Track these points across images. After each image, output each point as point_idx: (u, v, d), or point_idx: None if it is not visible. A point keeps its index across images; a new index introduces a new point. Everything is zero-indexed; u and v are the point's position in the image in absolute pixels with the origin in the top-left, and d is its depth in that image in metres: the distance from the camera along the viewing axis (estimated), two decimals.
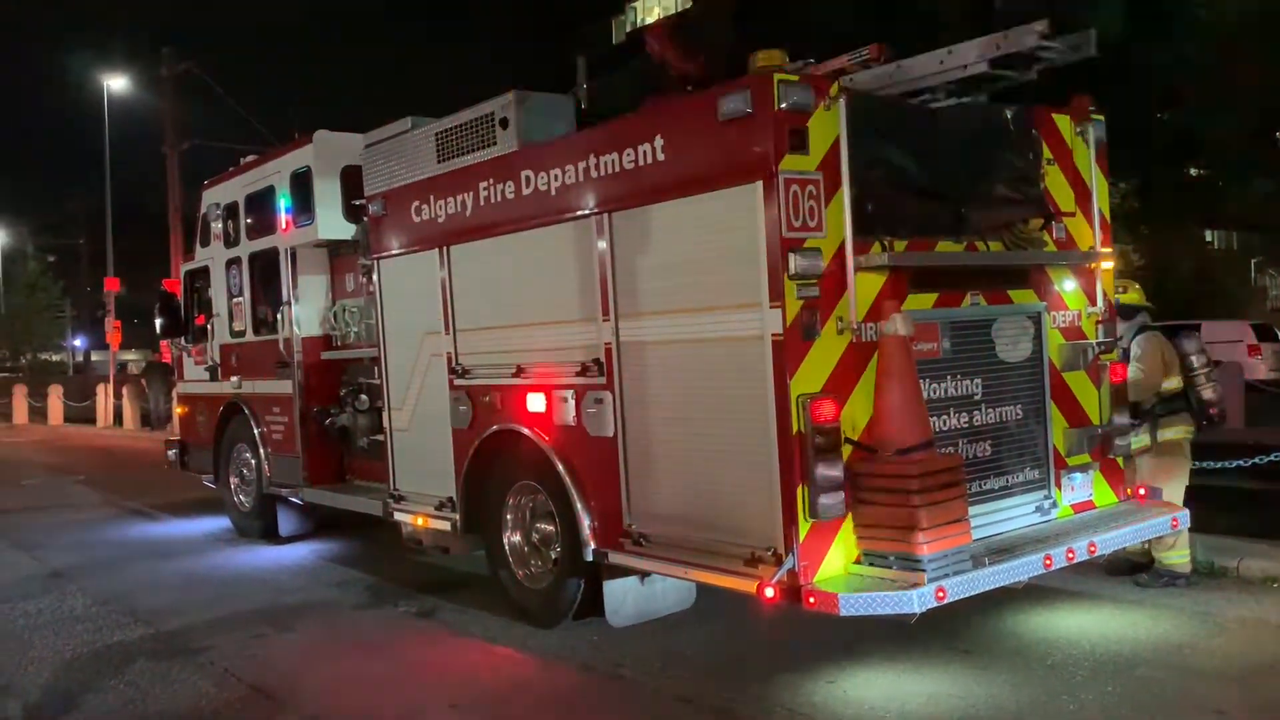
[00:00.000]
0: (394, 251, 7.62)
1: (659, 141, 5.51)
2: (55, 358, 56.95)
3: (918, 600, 4.72)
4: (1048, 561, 5.32)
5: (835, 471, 4.96)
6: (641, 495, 5.83)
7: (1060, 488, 6.02)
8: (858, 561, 5.06)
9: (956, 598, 4.84)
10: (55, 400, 30.13)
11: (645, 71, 6.87)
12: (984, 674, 5.36)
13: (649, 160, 5.57)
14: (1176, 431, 6.95)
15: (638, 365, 5.81)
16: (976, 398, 5.73)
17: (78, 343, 59.51)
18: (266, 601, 7.68)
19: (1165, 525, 6.03)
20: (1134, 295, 7.29)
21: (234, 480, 10.34)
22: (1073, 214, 6.19)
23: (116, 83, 29.59)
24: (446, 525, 7.24)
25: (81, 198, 52.54)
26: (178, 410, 11.86)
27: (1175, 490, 6.84)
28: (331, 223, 8.74)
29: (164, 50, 25.92)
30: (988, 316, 5.81)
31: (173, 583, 8.51)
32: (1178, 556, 6.73)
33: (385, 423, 7.91)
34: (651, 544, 5.75)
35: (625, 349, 5.86)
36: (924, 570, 4.78)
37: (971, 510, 5.18)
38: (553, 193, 6.22)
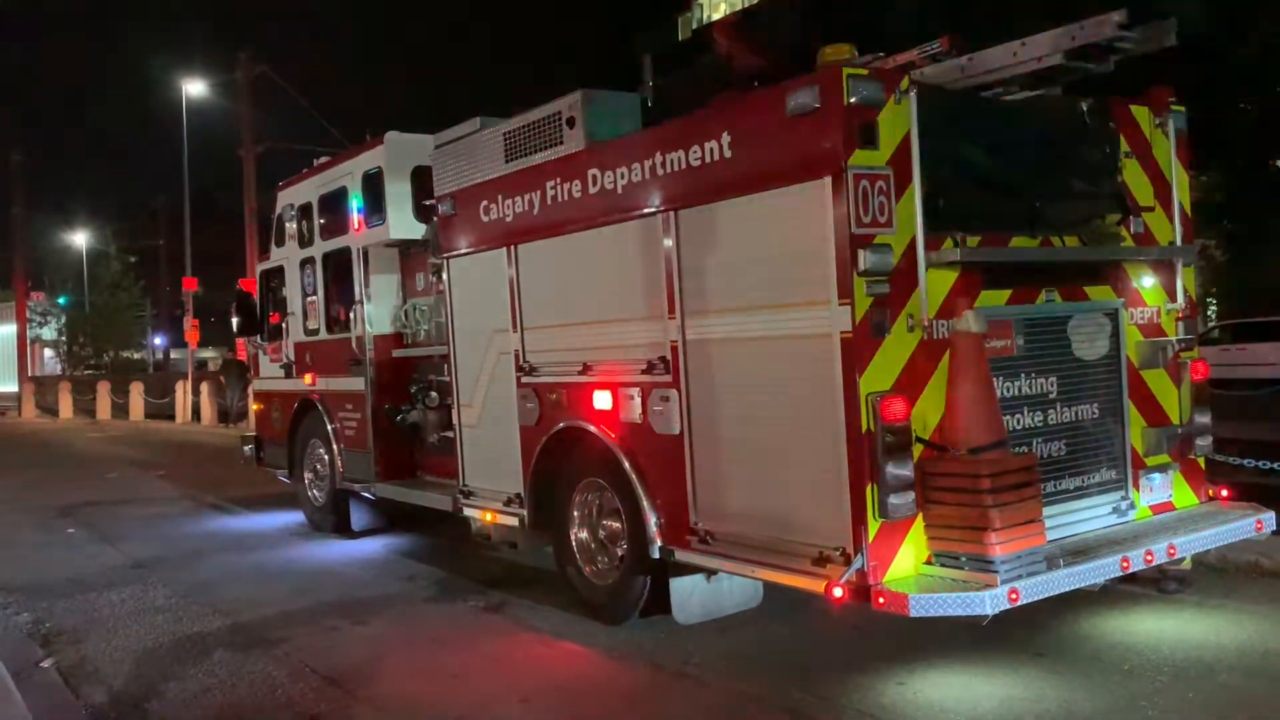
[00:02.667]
0: (463, 250, 7.70)
1: (726, 138, 5.49)
2: (136, 355, 58.58)
3: (990, 602, 4.65)
4: (1125, 564, 5.19)
5: (905, 471, 4.90)
6: (708, 493, 5.83)
7: (1138, 488, 5.87)
8: (929, 562, 4.99)
9: (1030, 600, 4.75)
10: (136, 396, 31.04)
11: (712, 68, 6.86)
12: (1059, 678, 5.25)
13: (716, 157, 5.56)
14: None
15: (704, 363, 5.80)
16: (1051, 396, 5.62)
17: (157, 341, 61.24)
18: (340, 595, 7.83)
19: (1250, 528, 5.84)
20: None
21: (308, 475, 10.55)
22: (1152, 208, 6.04)
23: (194, 87, 30.37)
24: (514, 521, 7.31)
25: (162, 200, 54.10)
26: (253, 407, 12.14)
27: None
28: (402, 222, 8.88)
29: (240, 55, 26.57)
30: (1063, 313, 5.70)
31: (249, 575, 8.71)
32: None
33: (454, 419, 8.01)
34: (718, 542, 5.74)
35: (691, 347, 5.86)
36: (996, 572, 4.71)
37: (1046, 511, 5.08)
38: (619, 191, 6.24)
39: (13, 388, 42.06)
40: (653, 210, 6.00)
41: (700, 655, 5.91)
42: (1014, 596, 4.69)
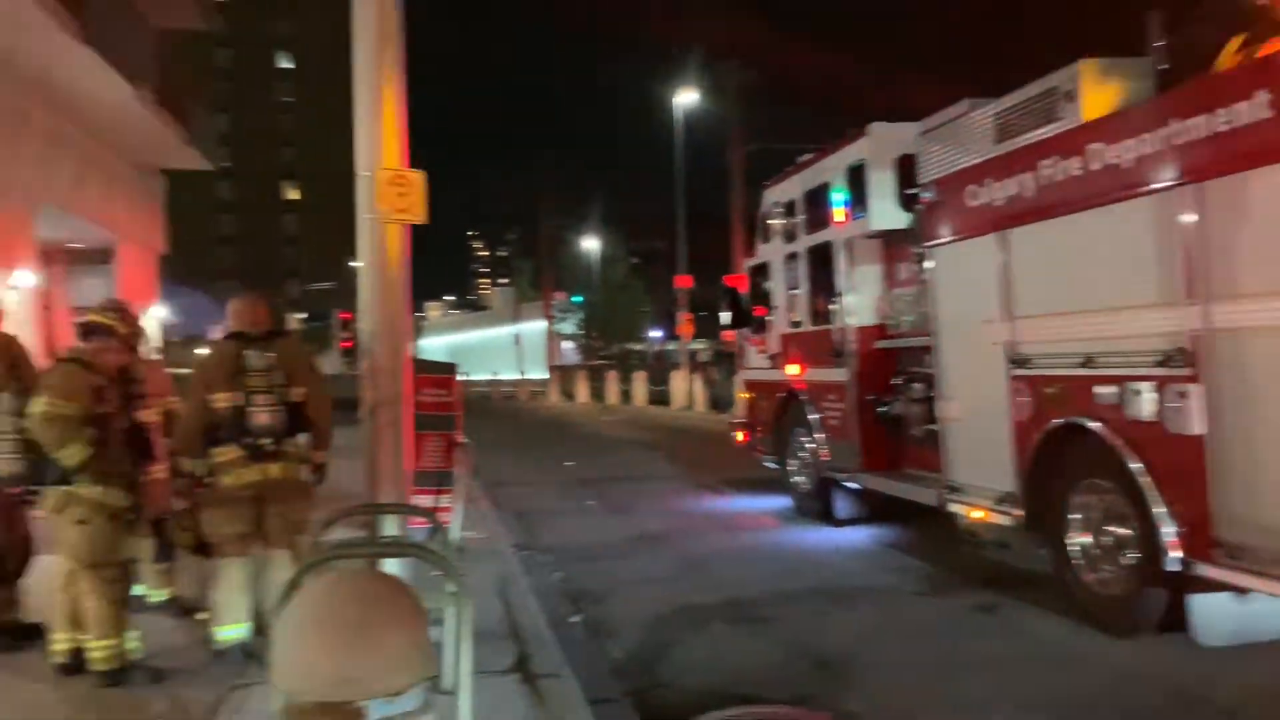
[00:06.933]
0: (948, 238, 7.52)
1: (1263, 97, 4.80)
2: (638, 347, 64.50)
3: None
4: None
5: None
6: (1238, 501, 5.15)
7: None
8: None
9: None
10: (639, 384, 34.15)
11: (1238, 15, 6.03)
12: None
13: (1253, 120, 4.88)
14: None
15: (1236, 354, 5.14)
16: None
17: (656, 334, 66.70)
18: (826, 581, 8.00)
19: None
20: None
21: (793, 463, 10.92)
22: None
23: (686, 97, 32.67)
24: (1006, 520, 7.00)
25: (661, 204, 58.99)
26: (742, 395, 12.81)
27: None
28: (885, 213, 8.88)
29: (727, 63, 28.15)
30: None
31: (742, 554, 9.19)
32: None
33: (939, 412, 7.85)
34: (1252, 557, 5.05)
35: (1219, 336, 5.21)
36: None
37: None
38: (1126, 165, 5.72)
39: (543, 375, 48.41)
40: (1169, 184, 5.42)
41: (1233, 686, 5.22)
42: None
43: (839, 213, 9.45)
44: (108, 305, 5.79)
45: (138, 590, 6.29)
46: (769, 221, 11.19)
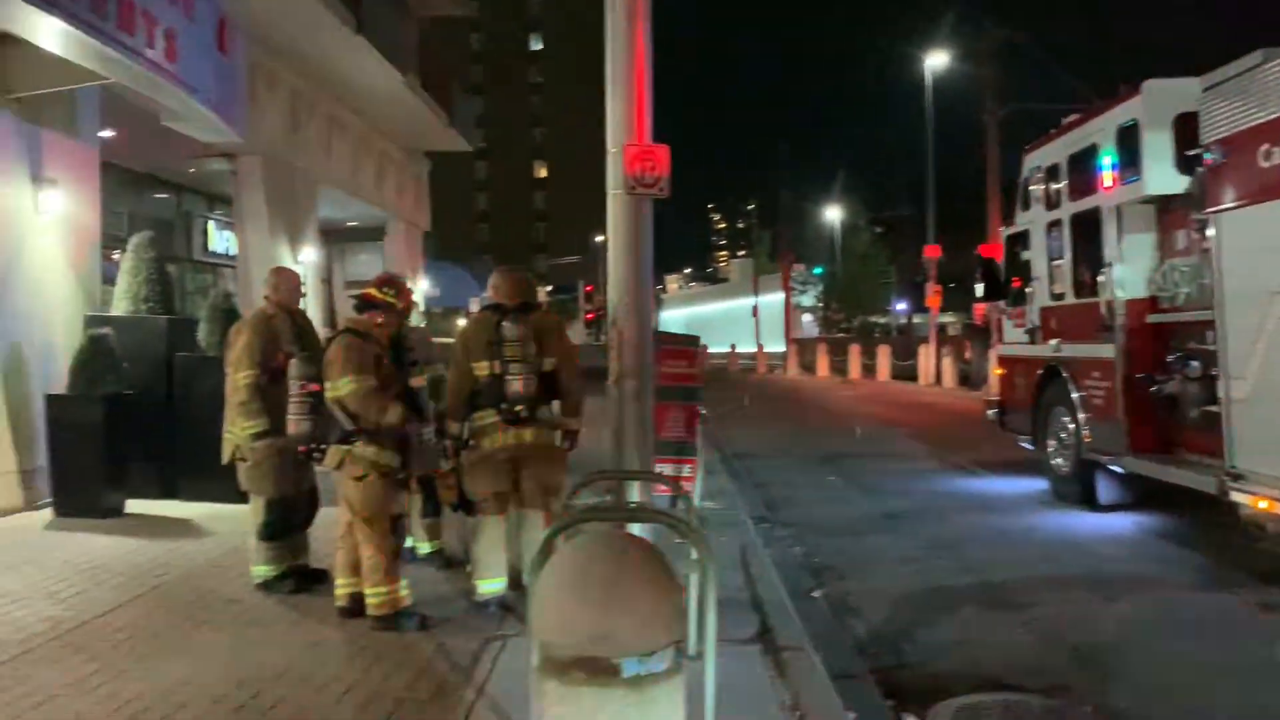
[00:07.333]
0: (1237, 203, 6.86)
1: None
2: (881, 320, 62.96)
3: None
4: None
5: None
6: None
7: None
8: None
9: None
10: (883, 358, 33.31)
11: None
12: None
13: None
14: None
15: None
16: None
17: (900, 306, 64.86)
18: (1086, 568, 7.55)
19: None
20: None
21: (1051, 443, 10.33)
22: None
23: (937, 59, 31.33)
24: None
25: (906, 171, 57.29)
26: (996, 371, 12.24)
27: None
28: (1161, 177, 8.21)
29: (985, 24, 26.81)
30: None
31: (992, 537, 8.81)
32: None
33: (1221, 392, 7.20)
34: None
35: None
36: None
37: None
38: None
39: (781, 348, 48.20)
40: None
41: None
42: None
43: (1108, 177, 8.81)
44: (384, 280, 6.21)
45: (408, 543, 6.78)
46: (1030, 187, 10.60)
